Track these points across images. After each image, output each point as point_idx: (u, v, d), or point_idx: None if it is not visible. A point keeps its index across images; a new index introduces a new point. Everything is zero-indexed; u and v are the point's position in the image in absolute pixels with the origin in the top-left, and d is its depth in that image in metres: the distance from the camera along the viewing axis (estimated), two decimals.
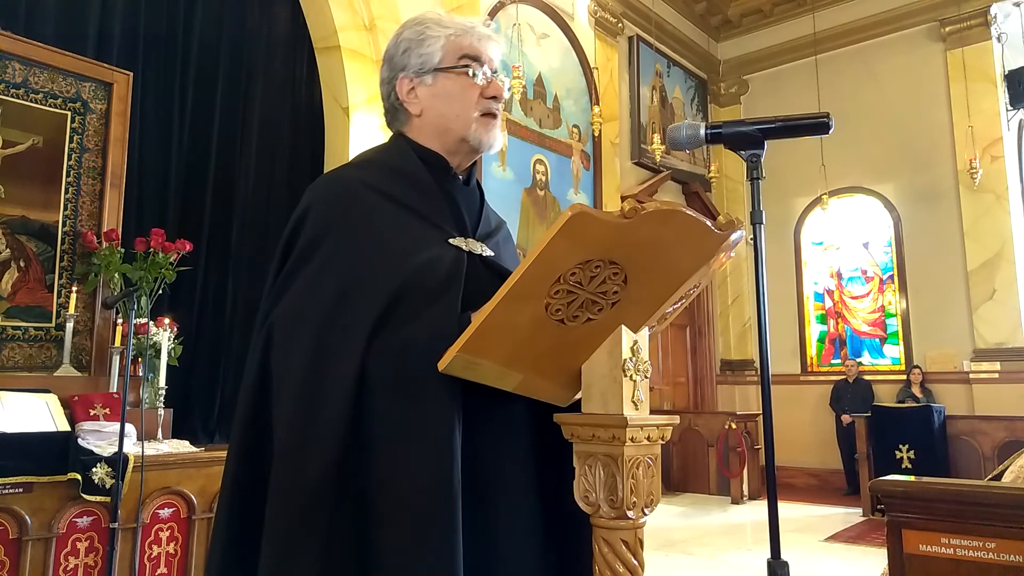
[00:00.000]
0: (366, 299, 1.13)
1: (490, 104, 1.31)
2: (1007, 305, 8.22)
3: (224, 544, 1.16)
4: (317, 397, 1.09)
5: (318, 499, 1.06)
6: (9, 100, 3.61)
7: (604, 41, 8.29)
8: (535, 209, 7.15)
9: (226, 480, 1.19)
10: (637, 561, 1.07)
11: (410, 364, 1.09)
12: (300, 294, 1.17)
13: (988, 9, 8.58)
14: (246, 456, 1.16)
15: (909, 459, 6.97)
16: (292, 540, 1.06)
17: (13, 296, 3.58)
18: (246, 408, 1.17)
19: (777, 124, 1.37)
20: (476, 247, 1.27)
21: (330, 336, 1.12)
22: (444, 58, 1.30)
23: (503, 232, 1.41)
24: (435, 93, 1.30)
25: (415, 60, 1.31)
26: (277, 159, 5.58)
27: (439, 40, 1.30)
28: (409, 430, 1.08)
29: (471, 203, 1.35)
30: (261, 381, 1.16)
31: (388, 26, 5.88)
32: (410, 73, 1.31)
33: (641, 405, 1.09)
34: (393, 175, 1.28)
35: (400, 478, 1.06)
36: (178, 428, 4.08)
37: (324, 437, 1.07)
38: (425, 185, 1.28)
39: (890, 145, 9.11)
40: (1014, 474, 2.55)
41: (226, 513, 1.18)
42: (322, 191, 1.28)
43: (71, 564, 2.96)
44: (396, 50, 1.34)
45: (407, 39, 1.33)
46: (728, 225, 1.07)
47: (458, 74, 1.30)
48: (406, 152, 1.32)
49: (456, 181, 1.34)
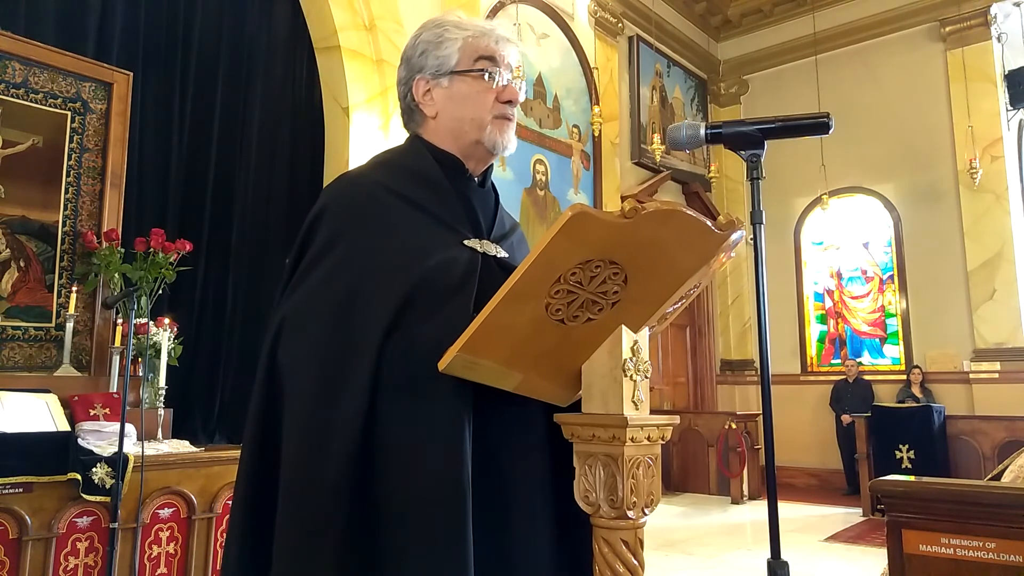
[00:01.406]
0: (379, 299, 1.13)
1: (505, 108, 1.31)
2: (1007, 305, 8.22)
3: (240, 541, 1.16)
4: (329, 398, 1.09)
5: (331, 501, 1.06)
6: (9, 100, 3.61)
7: (604, 41, 8.29)
8: (535, 209, 7.15)
9: (240, 478, 1.19)
10: (637, 561, 1.07)
11: (421, 364, 1.09)
12: (313, 292, 1.17)
13: (988, 9, 8.59)
14: (260, 454, 1.16)
15: (909, 459, 6.97)
16: (306, 543, 1.06)
17: (13, 296, 3.58)
18: (256, 406, 1.17)
19: (777, 124, 1.37)
20: (491, 248, 1.27)
21: (341, 335, 1.12)
22: (461, 60, 1.30)
23: (517, 234, 1.41)
24: (451, 96, 1.31)
25: (432, 62, 1.31)
26: (277, 159, 5.57)
27: (456, 42, 1.30)
28: (419, 431, 1.08)
29: (486, 205, 1.35)
30: (270, 379, 1.16)
31: (388, 26, 5.88)
32: (427, 75, 1.31)
33: (641, 405, 1.09)
34: (409, 177, 1.28)
35: (410, 479, 1.06)
36: (178, 428, 4.08)
37: (337, 439, 1.07)
38: (440, 187, 1.28)
39: (890, 145, 9.11)
40: (1014, 474, 2.55)
41: (241, 512, 1.18)
42: (338, 191, 1.28)
43: (71, 564, 2.96)
44: (414, 51, 1.33)
45: (425, 40, 1.32)
46: (728, 225, 1.07)
47: (474, 77, 1.30)
48: (422, 154, 1.32)
49: (471, 183, 1.34)
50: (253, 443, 1.18)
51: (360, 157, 5.35)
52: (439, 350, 1.05)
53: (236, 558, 1.16)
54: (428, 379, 1.08)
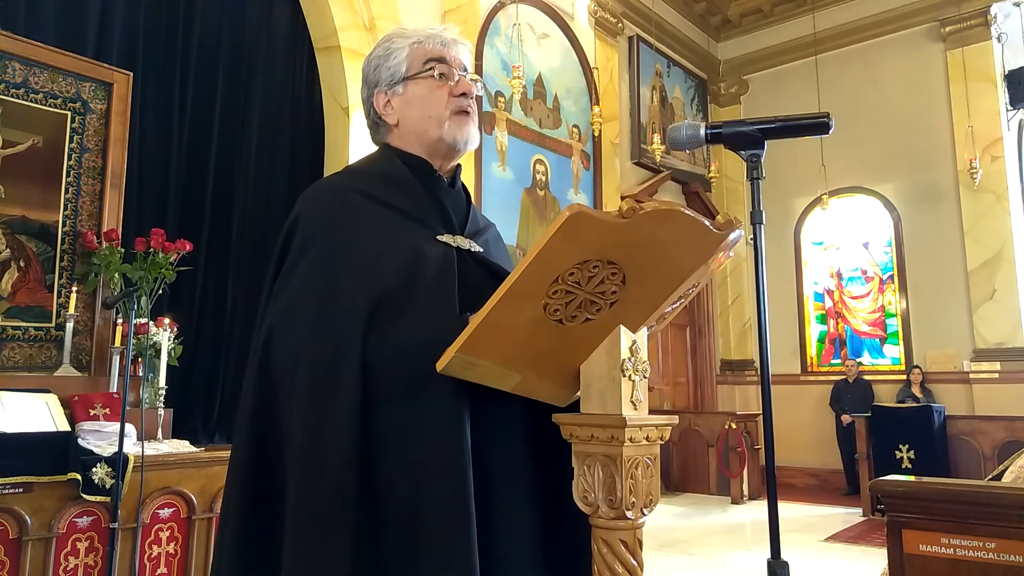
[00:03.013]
0: (356, 298, 1.15)
1: (461, 101, 1.35)
2: (1007, 305, 8.21)
3: (234, 545, 1.16)
4: (322, 403, 1.10)
5: (339, 503, 1.06)
6: (9, 100, 3.61)
7: (604, 41, 8.29)
8: (535, 209, 7.15)
9: (233, 484, 1.19)
10: (636, 561, 1.07)
11: (414, 363, 1.09)
12: (294, 297, 1.20)
13: (988, 9, 8.58)
14: (253, 459, 1.17)
15: (909, 459, 6.96)
16: (316, 548, 1.06)
17: (13, 296, 3.58)
18: (248, 414, 1.19)
19: (777, 124, 1.38)
20: (464, 243, 1.30)
21: (326, 337, 1.13)
22: (411, 66, 1.36)
23: (492, 232, 1.44)
24: (407, 100, 1.37)
25: (385, 74, 1.38)
26: (277, 159, 5.57)
27: (403, 51, 1.37)
28: (420, 432, 1.08)
29: (457, 203, 1.39)
30: (262, 386, 1.18)
31: (388, 26, 5.88)
32: (383, 87, 1.38)
33: (640, 405, 1.09)
34: (380, 180, 1.33)
35: (414, 479, 1.07)
36: (178, 428, 4.08)
37: (337, 443, 1.08)
38: (411, 187, 1.32)
39: (890, 145, 9.11)
40: (1014, 474, 2.55)
41: (235, 517, 1.17)
42: (311, 198, 1.33)
43: (71, 564, 2.96)
44: (368, 68, 1.41)
45: (376, 56, 1.40)
46: (726, 225, 1.07)
47: (425, 78, 1.35)
48: (391, 158, 1.37)
49: (441, 183, 1.38)
50: (246, 449, 1.18)
51: (360, 157, 5.34)
52: (428, 351, 1.06)
53: (231, 562, 1.15)
54: (423, 378, 1.08)
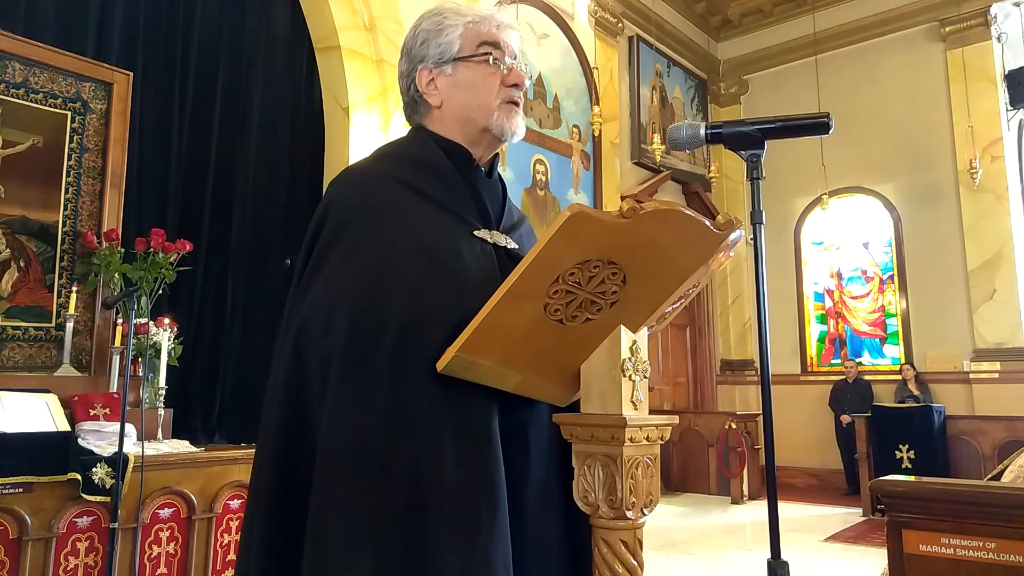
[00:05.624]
0: (396, 291, 1.10)
1: (512, 92, 1.29)
2: (1007, 305, 8.21)
3: (263, 544, 1.12)
4: (365, 398, 1.07)
5: (376, 499, 1.04)
6: (9, 100, 3.61)
7: (604, 41, 8.29)
8: (535, 209, 7.15)
9: (261, 479, 1.15)
10: (636, 561, 1.07)
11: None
12: (329, 287, 1.14)
13: (988, 9, 8.58)
14: (285, 460, 1.12)
15: (909, 459, 6.96)
16: (348, 542, 1.03)
17: (13, 296, 3.58)
18: (282, 408, 1.14)
19: (777, 124, 1.38)
20: (500, 239, 1.25)
21: (366, 329, 1.09)
22: (463, 47, 1.27)
23: (526, 226, 1.38)
24: (455, 83, 1.28)
25: (434, 51, 1.28)
26: (277, 159, 5.57)
27: (457, 29, 1.28)
28: (454, 427, 1.07)
29: (494, 195, 1.32)
30: (295, 379, 1.13)
31: (388, 26, 5.88)
32: (429, 64, 1.29)
33: (640, 405, 1.09)
34: (415, 167, 1.25)
35: (447, 477, 1.05)
36: (178, 428, 4.07)
37: (377, 438, 1.05)
38: (448, 176, 1.25)
39: (890, 145, 9.11)
40: (1014, 474, 2.55)
41: (263, 514, 1.14)
42: (344, 184, 1.25)
43: (71, 564, 2.96)
44: (414, 42, 1.31)
45: (425, 30, 1.30)
46: (727, 224, 1.07)
47: (478, 62, 1.27)
48: (428, 144, 1.29)
49: (479, 173, 1.31)
50: (277, 447, 1.14)
51: (360, 158, 5.34)
52: None
53: (259, 560, 1.12)
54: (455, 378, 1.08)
